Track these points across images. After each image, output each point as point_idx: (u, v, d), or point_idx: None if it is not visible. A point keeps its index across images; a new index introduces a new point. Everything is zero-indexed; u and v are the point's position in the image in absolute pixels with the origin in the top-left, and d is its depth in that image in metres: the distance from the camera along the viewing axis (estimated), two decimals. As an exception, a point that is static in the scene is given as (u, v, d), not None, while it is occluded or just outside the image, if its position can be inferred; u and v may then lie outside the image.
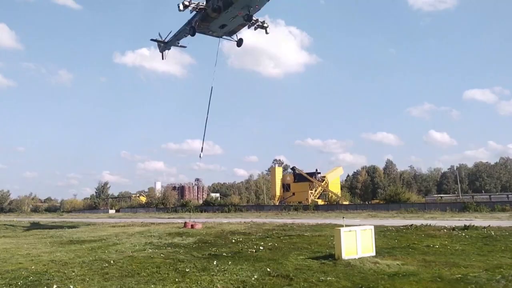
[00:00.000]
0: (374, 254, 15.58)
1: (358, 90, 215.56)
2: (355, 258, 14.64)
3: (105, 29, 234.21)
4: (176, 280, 11.98)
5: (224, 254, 17.37)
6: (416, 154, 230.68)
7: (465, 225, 26.09)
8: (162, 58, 38.67)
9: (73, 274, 13.27)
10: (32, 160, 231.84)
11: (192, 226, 33.25)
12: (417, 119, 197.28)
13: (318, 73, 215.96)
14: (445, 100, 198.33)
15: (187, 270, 13.41)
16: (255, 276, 12.24)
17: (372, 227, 16.35)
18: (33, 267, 14.71)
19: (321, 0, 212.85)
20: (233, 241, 22.58)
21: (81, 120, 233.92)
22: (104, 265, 14.76)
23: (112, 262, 15.44)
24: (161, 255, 17.44)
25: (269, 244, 20.50)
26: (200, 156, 35.04)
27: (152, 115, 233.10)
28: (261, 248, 18.95)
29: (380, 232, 23.71)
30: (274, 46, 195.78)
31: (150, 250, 19.05)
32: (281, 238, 23.67)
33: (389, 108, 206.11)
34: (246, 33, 33.35)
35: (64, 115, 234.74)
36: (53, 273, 13.44)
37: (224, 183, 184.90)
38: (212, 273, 12.80)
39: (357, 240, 15.26)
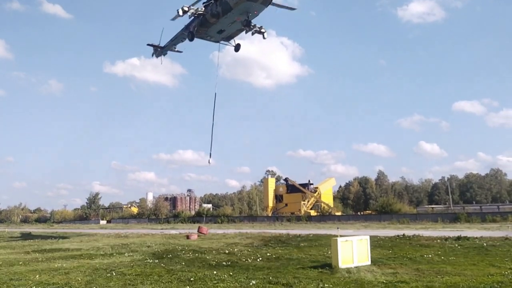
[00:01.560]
0: (369, 263, 16.01)
1: (349, 101, 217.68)
2: (351, 267, 15.06)
3: (95, 39, 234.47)
4: (179, 288, 12.32)
5: (223, 263, 17.71)
6: (407, 165, 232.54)
7: (458, 236, 26.60)
8: (161, 63, 39.90)
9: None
10: (22, 170, 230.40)
11: (202, 231, 37.04)
12: (407, 131, 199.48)
13: (310, 84, 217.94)
14: (435, 112, 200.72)
15: (191, 279, 13.72)
16: (253, 282, 12.71)
17: (368, 237, 16.81)
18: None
19: (312, 12, 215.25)
20: (230, 251, 22.90)
21: (71, 130, 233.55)
22: (107, 275, 15.04)
23: (113, 273, 15.70)
24: (162, 265, 17.73)
25: (267, 254, 20.87)
26: (209, 162, 34.78)
27: (143, 125, 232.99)
28: (259, 258, 19.31)
29: (374, 242, 24.14)
30: (266, 57, 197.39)
31: (150, 261, 19.31)
32: (277, 248, 24.04)
33: (379, 120, 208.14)
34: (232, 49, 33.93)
35: (54, 124, 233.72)
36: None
37: (216, 194, 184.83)
38: (214, 281, 13.17)
39: (353, 250, 15.69)
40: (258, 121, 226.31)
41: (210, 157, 33.94)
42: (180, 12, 29.75)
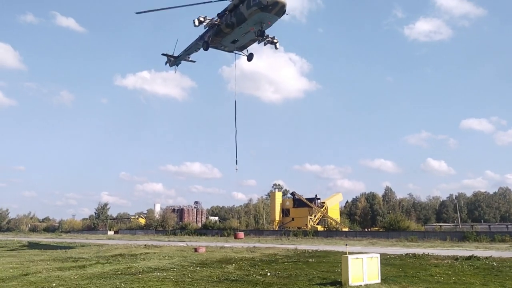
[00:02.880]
0: (379, 281, 16.04)
1: (356, 116, 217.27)
2: (361, 285, 15.10)
3: (107, 52, 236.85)
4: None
5: (231, 278, 17.79)
6: (414, 182, 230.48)
7: (469, 256, 26.44)
8: (174, 72, 40.74)
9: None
10: (32, 179, 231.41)
11: (239, 237, 40.11)
12: (414, 147, 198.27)
13: (317, 99, 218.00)
14: (443, 129, 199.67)
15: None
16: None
17: (378, 255, 16.84)
18: None
19: (320, 29, 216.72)
20: (238, 265, 22.95)
21: (81, 140, 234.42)
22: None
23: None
24: (171, 278, 17.86)
25: (275, 269, 20.90)
26: (236, 169, 34.67)
27: (151, 136, 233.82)
28: (268, 273, 19.36)
29: (383, 260, 24.07)
30: (274, 72, 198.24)
31: (158, 274, 19.43)
32: (286, 263, 24.05)
33: (386, 135, 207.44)
34: (245, 59, 34.84)
35: (64, 135, 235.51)
36: None
37: (223, 206, 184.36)
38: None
39: (363, 268, 15.73)
40: (265, 135, 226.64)
41: (236, 163, 33.85)
42: (196, 23, 30.55)
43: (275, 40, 32.20)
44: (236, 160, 33.44)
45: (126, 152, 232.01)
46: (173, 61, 39.41)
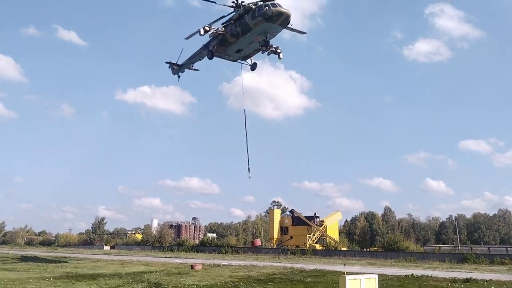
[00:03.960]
0: (377, 303, 15.85)
1: (356, 135, 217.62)
2: (359, 306, 14.92)
3: (108, 66, 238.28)
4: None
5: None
6: (413, 202, 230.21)
7: (467, 278, 26.21)
8: (178, 80, 41.06)
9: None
10: (30, 191, 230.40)
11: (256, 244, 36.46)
12: (413, 167, 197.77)
13: (317, 117, 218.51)
14: (441, 149, 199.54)
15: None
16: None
17: (376, 276, 16.68)
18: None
19: (320, 47, 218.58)
20: (234, 284, 22.71)
21: (80, 153, 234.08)
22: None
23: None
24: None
25: (272, 288, 20.70)
26: (249, 177, 34.31)
27: (150, 151, 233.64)
28: (264, 292, 19.17)
29: (382, 280, 23.82)
30: (275, 89, 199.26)
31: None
32: (283, 283, 23.82)
33: (385, 154, 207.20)
34: (245, 76, 35.41)
35: (64, 148, 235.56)
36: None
37: (221, 223, 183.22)
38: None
39: (361, 289, 15.55)
40: (265, 151, 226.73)
41: (249, 171, 33.43)
42: (202, 32, 31.09)
43: (278, 50, 32.63)
44: (249, 168, 33.20)
45: (125, 166, 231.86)
46: (177, 69, 40.12)
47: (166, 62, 40.49)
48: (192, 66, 39.44)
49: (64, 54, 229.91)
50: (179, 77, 41.01)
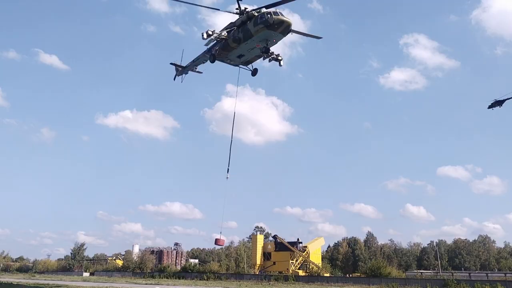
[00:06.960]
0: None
1: (337, 161, 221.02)
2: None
3: (89, 90, 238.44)
4: None
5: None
6: (394, 227, 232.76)
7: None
8: (181, 82, 41.87)
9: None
10: (6, 216, 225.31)
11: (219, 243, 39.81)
12: (393, 193, 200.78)
13: (299, 143, 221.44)
14: (420, 175, 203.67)
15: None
16: None
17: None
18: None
19: (299, 75, 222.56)
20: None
21: (59, 178, 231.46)
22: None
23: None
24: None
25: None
26: (227, 178, 35.86)
27: (131, 176, 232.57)
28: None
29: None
30: (256, 114, 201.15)
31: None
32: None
33: (366, 180, 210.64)
34: (226, 102, 36.48)
35: (43, 172, 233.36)
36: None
37: (203, 248, 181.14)
38: None
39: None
40: (247, 176, 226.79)
41: (228, 172, 35.17)
42: (205, 36, 32.14)
43: (279, 58, 33.82)
44: (228, 169, 35.03)
45: (105, 191, 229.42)
46: (181, 70, 41.31)
47: (171, 64, 41.82)
48: (196, 68, 40.72)
49: (45, 77, 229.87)
50: (183, 78, 41.98)
